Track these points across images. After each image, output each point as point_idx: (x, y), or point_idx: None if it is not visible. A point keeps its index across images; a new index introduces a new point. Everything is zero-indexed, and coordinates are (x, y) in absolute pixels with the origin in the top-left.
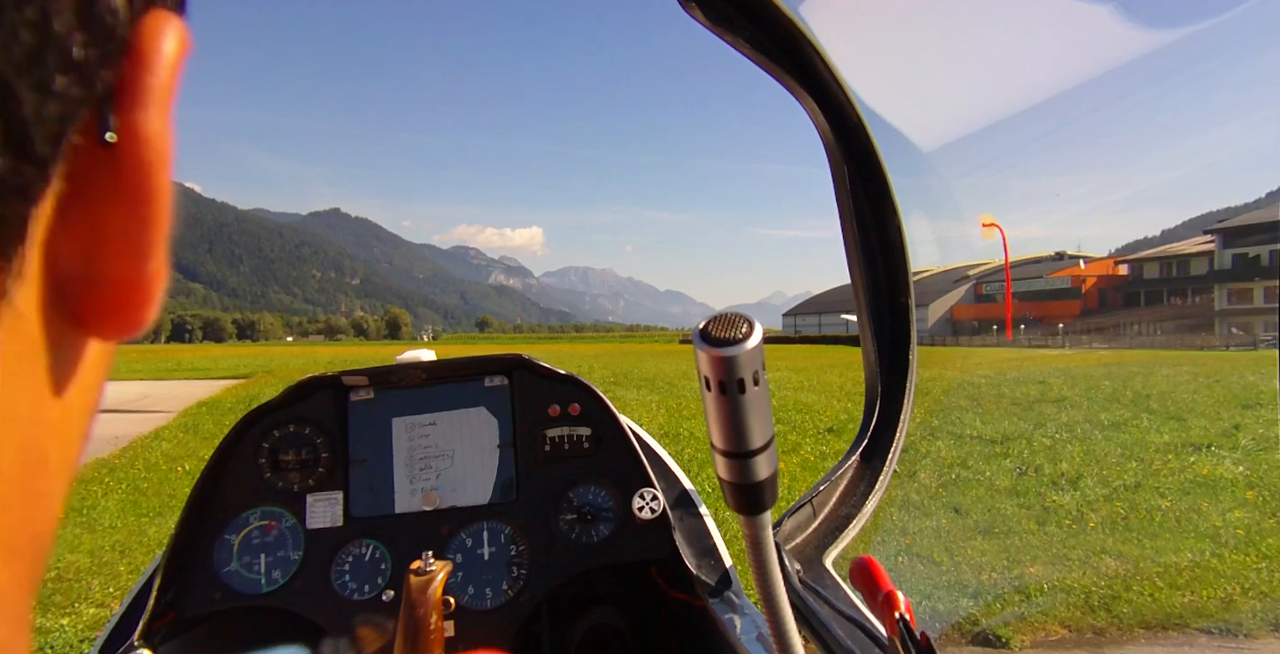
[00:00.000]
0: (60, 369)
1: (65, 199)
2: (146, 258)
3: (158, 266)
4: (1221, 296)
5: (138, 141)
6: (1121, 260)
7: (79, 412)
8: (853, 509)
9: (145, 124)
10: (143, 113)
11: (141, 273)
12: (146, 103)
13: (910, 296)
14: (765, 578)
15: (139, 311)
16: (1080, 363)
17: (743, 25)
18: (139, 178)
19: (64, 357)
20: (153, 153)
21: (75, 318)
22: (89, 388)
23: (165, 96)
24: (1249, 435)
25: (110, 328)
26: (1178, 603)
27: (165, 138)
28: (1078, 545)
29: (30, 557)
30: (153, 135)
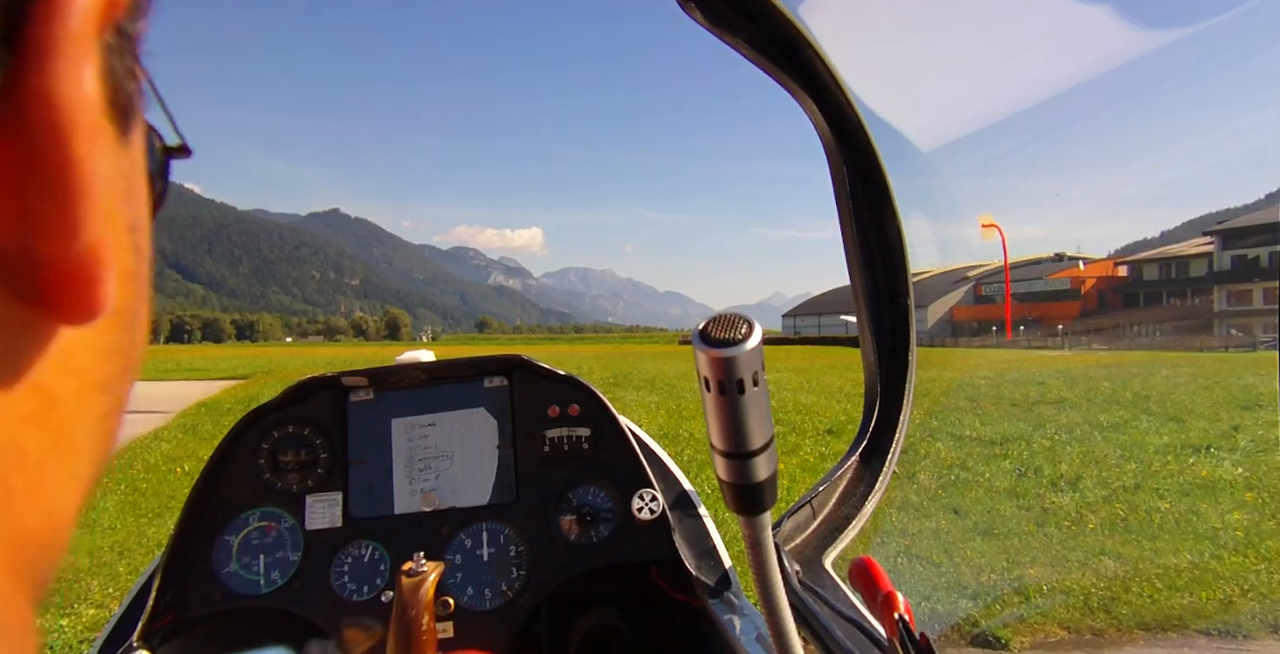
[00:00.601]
0: (24, 357)
1: None
2: (75, 235)
3: (94, 245)
4: (1221, 298)
5: (39, 105)
6: (1121, 261)
7: (69, 399)
8: (852, 510)
9: (48, 86)
10: (43, 71)
11: (73, 251)
12: (48, 58)
13: (910, 297)
14: (765, 579)
15: (87, 292)
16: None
17: (742, 26)
18: (47, 148)
19: (27, 344)
20: (60, 117)
21: (34, 301)
22: (75, 373)
23: (78, 49)
24: (1248, 437)
25: (68, 310)
26: (1177, 604)
27: (78, 99)
28: (1077, 547)
29: (17, 555)
30: (59, 97)
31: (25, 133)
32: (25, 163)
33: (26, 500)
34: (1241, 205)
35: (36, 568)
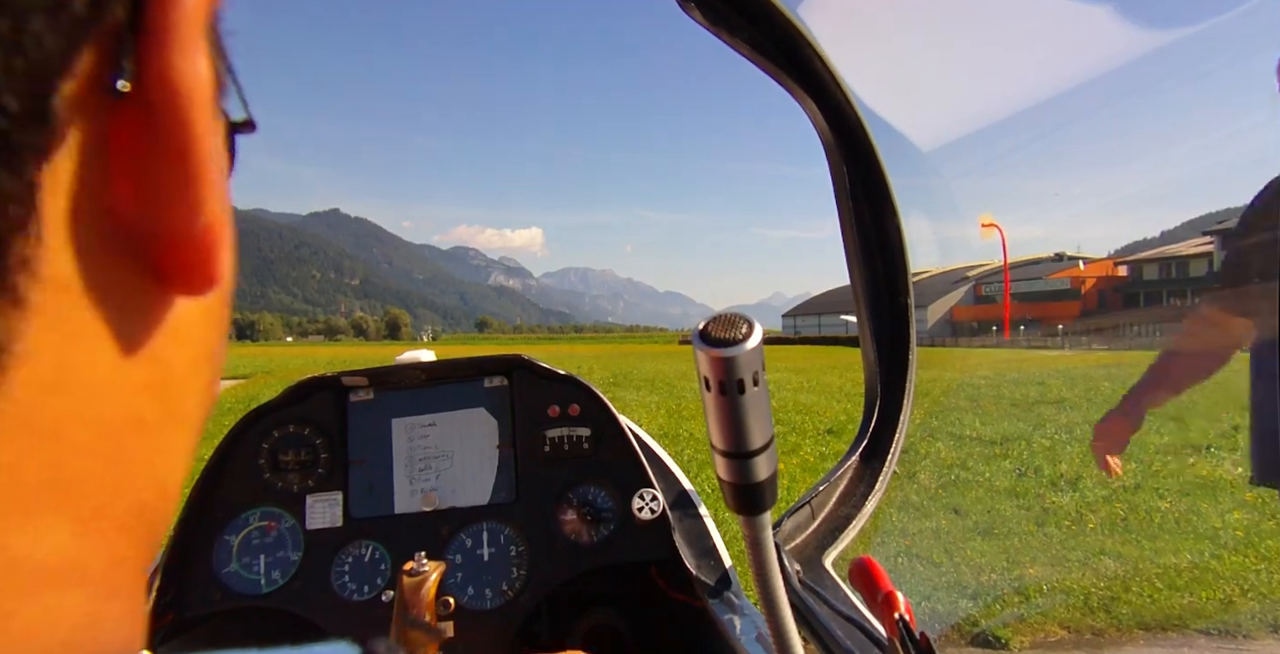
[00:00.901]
0: (144, 329)
1: (95, 153)
2: (198, 211)
3: (212, 220)
4: None
5: (162, 88)
6: (1121, 261)
7: (182, 368)
8: (852, 510)
9: (167, 68)
10: (163, 55)
11: (194, 226)
12: (167, 43)
13: (910, 297)
14: (765, 578)
15: (206, 266)
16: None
17: (742, 26)
18: (171, 128)
19: (146, 315)
20: (181, 100)
21: (156, 275)
22: (192, 343)
23: (191, 34)
24: (1248, 436)
25: (187, 283)
26: (1177, 604)
27: (195, 81)
28: (1077, 546)
29: (128, 524)
30: (181, 81)
31: (150, 115)
32: (151, 144)
33: (144, 467)
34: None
35: (149, 533)
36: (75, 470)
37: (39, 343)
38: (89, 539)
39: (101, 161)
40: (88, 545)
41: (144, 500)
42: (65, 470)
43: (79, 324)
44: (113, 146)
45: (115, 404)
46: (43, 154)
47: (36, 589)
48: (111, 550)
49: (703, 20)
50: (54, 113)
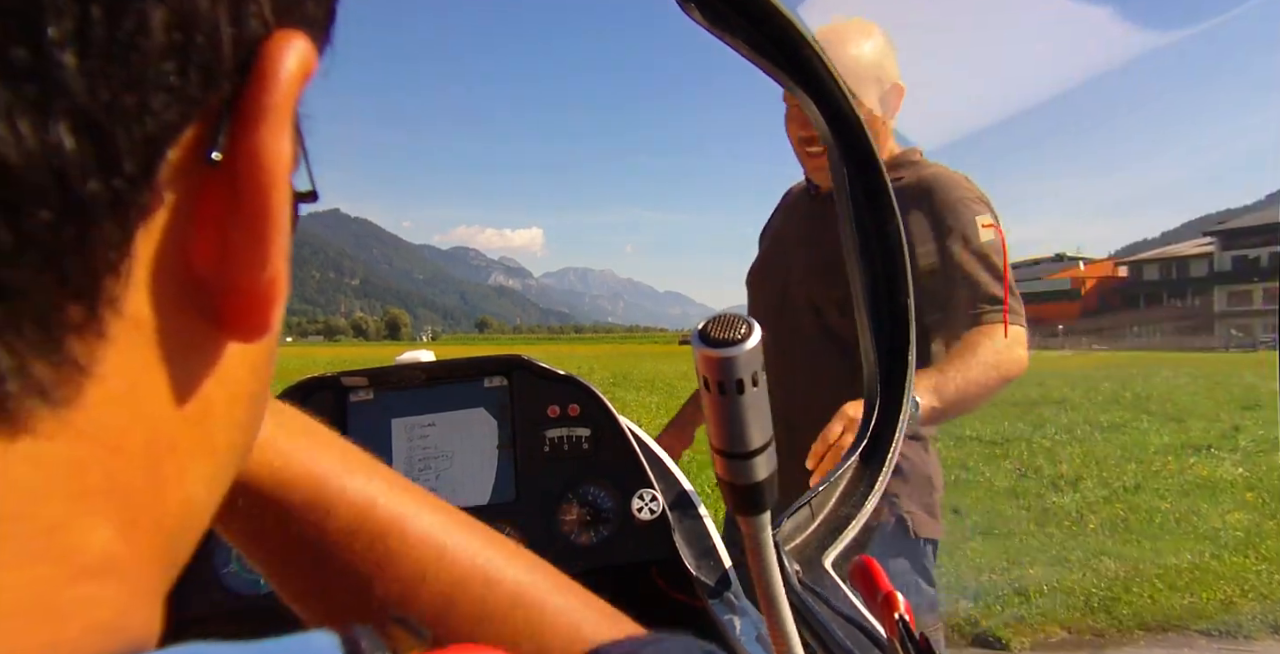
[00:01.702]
0: (194, 365)
1: (192, 215)
2: (263, 267)
3: (275, 275)
4: (1221, 298)
5: (249, 161)
6: (1121, 262)
7: (220, 405)
8: (852, 510)
9: (256, 144)
10: (255, 133)
11: (260, 281)
12: (259, 123)
13: (910, 298)
14: (765, 579)
15: (263, 316)
16: (1079, 364)
17: (742, 26)
18: (252, 196)
19: (199, 355)
20: (264, 173)
21: (214, 320)
22: (229, 384)
23: (280, 117)
24: (1248, 437)
25: (243, 330)
26: (1177, 605)
27: (278, 158)
28: (1077, 547)
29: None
30: (264, 155)
31: (236, 184)
32: (233, 209)
33: (174, 486)
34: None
35: (171, 547)
36: (125, 480)
37: (112, 367)
38: (127, 542)
39: (188, 220)
40: (126, 547)
41: (168, 522)
42: (118, 479)
43: (145, 357)
44: (199, 208)
45: (161, 428)
46: (144, 210)
47: (84, 577)
48: (142, 555)
49: (703, 20)
50: (159, 176)
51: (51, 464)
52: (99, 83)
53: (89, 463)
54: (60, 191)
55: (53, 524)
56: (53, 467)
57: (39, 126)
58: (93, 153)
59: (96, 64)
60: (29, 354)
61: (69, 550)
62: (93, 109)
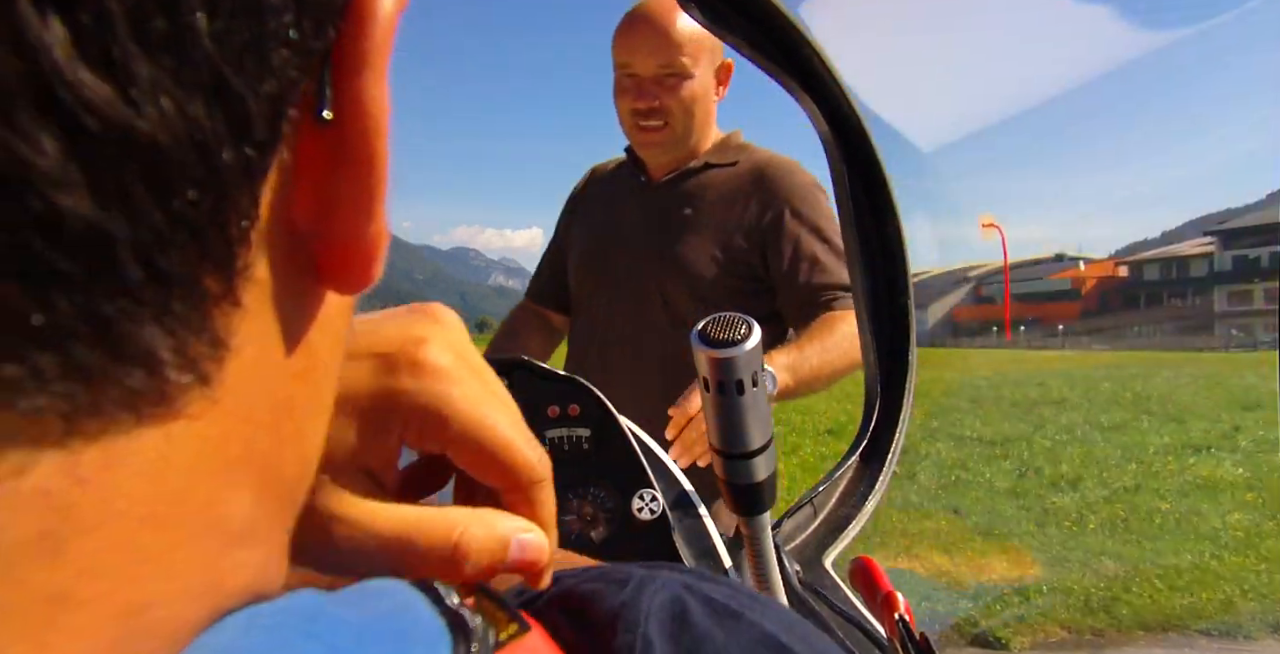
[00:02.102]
0: (302, 321)
1: (293, 170)
2: (370, 218)
3: (380, 226)
4: (1221, 298)
5: (355, 110)
6: (1121, 262)
7: (325, 354)
8: (852, 510)
9: (361, 92)
10: (358, 80)
11: (366, 232)
12: (361, 70)
13: (910, 297)
14: (765, 579)
15: (367, 267)
16: (1080, 364)
17: (741, 25)
18: (358, 146)
19: (305, 309)
20: (370, 120)
21: (315, 273)
22: (331, 331)
23: (380, 61)
24: (1249, 437)
25: (345, 281)
26: (1177, 605)
27: (382, 104)
28: (1077, 547)
29: (280, 493)
30: (369, 103)
31: (338, 134)
32: (339, 162)
33: (291, 445)
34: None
35: (293, 508)
36: (258, 448)
37: (245, 337)
38: (262, 506)
39: (292, 174)
40: (261, 511)
41: (292, 475)
42: (253, 448)
43: (269, 320)
44: (301, 162)
45: (281, 389)
46: (266, 175)
47: (234, 545)
48: (272, 517)
49: (703, 19)
50: (281, 139)
51: (202, 443)
52: (227, 45)
53: (230, 436)
54: (203, 167)
55: (208, 500)
56: (203, 445)
57: (181, 101)
58: (226, 121)
59: (224, 24)
60: (184, 335)
61: (221, 522)
62: (225, 74)
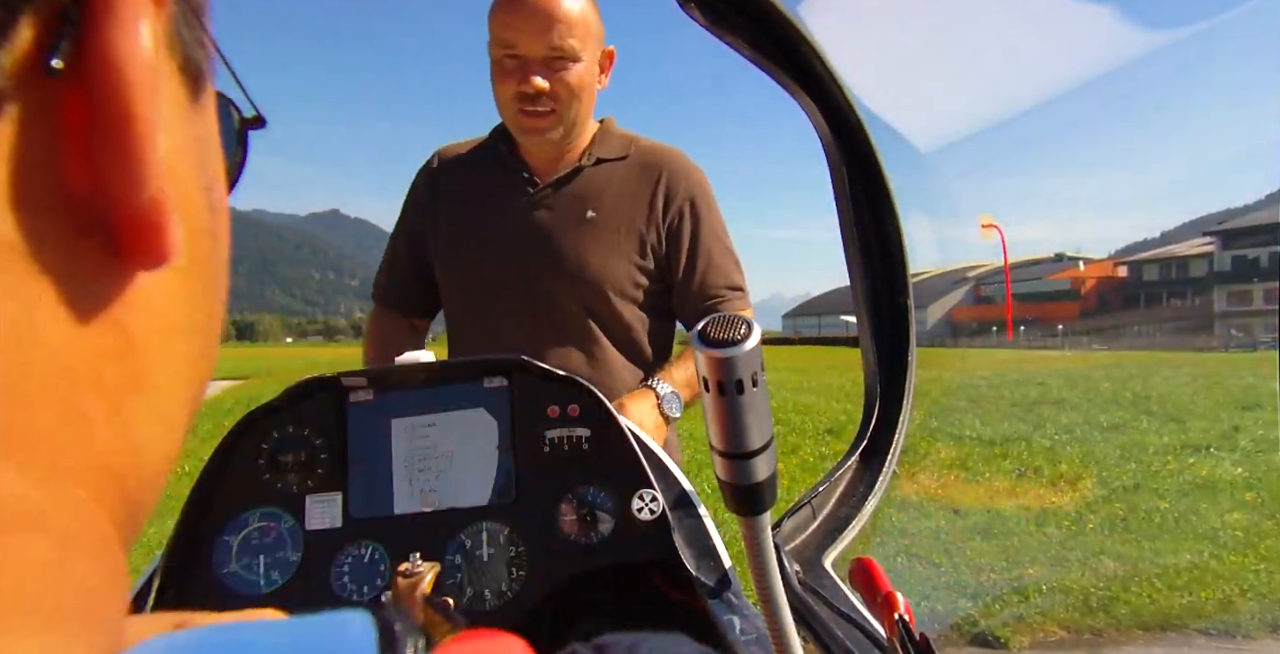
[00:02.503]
0: (102, 296)
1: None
2: (139, 185)
3: (156, 195)
4: (1220, 298)
5: (104, 67)
6: (1121, 262)
7: (150, 339)
8: (852, 510)
9: (105, 45)
10: (102, 32)
11: (138, 199)
12: (110, 19)
13: (909, 297)
14: (765, 579)
15: (154, 240)
16: (1080, 364)
17: (741, 25)
18: (111, 106)
19: (105, 286)
20: (119, 74)
21: (107, 245)
22: (154, 315)
23: (134, 12)
24: (1248, 437)
25: (138, 255)
26: (1176, 604)
27: (136, 59)
28: (1077, 547)
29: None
30: (115, 57)
31: (89, 91)
32: (91, 115)
33: (105, 427)
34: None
35: (123, 498)
36: (30, 422)
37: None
38: (48, 489)
39: (46, 134)
40: (48, 495)
41: (112, 463)
42: (18, 422)
43: (34, 289)
44: (59, 121)
45: (73, 365)
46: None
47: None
48: (73, 503)
49: (702, 20)
50: None
51: None
52: None
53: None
54: None
55: None
56: None
57: None
58: None
59: None
60: None
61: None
62: None
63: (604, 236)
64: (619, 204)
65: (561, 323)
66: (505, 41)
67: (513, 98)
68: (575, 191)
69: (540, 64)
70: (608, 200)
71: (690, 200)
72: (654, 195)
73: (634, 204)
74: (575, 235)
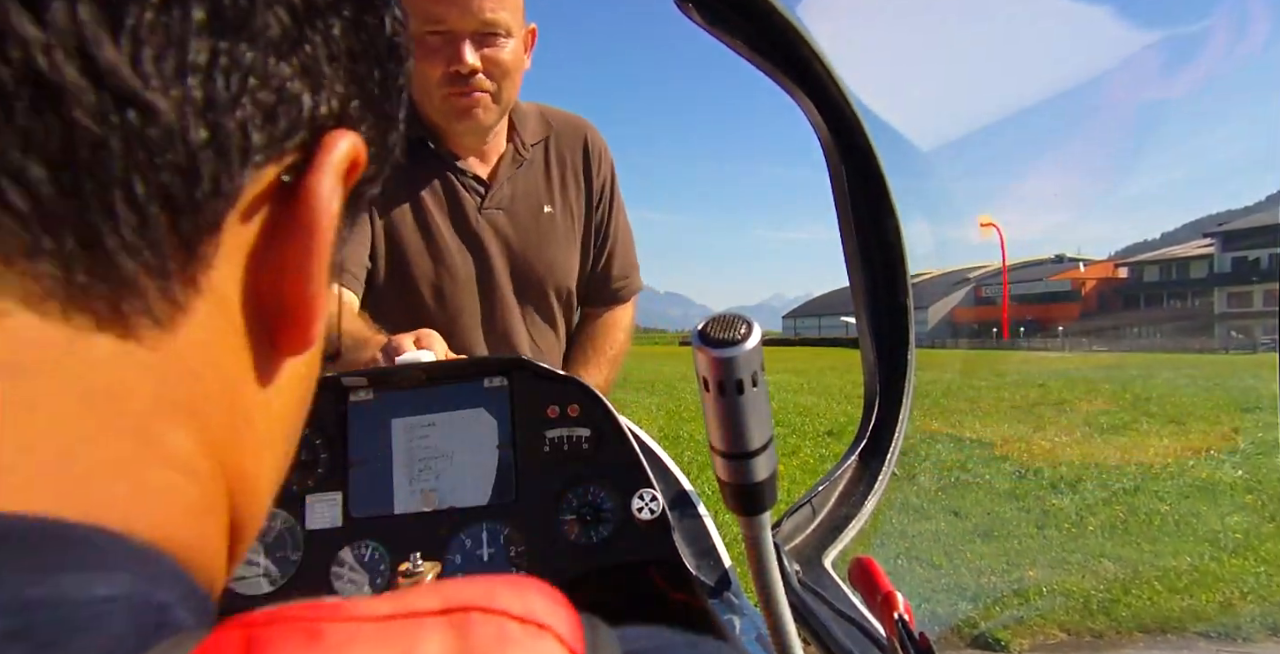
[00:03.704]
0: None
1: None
2: (310, 282)
3: (319, 290)
4: (1220, 300)
5: (309, 195)
6: (1121, 263)
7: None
8: (852, 510)
9: (316, 184)
10: (315, 177)
11: (309, 295)
12: (319, 171)
13: (909, 298)
14: (765, 579)
15: (310, 328)
16: (1079, 365)
17: (739, 25)
18: (308, 221)
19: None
20: (318, 203)
21: (270, 338)
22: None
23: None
24: (1248, 439)
25: (291, 343)
26: (1176, 607)
27: (328, 197)
28: (1077, 549)
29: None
30: (318, 193)
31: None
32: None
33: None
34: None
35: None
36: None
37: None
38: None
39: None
40: (204, 462)
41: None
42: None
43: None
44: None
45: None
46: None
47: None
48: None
49: (701, 20)
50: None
51: (144, 367)
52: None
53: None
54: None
55: (139, 411)
56: (145, 369)
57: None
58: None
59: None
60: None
61: (151, 439)
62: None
63: (562, 231)
64: (566, 191)
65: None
66: (430, 16)
67: (443, 80)
68: (528, 187)
69: (471, 40)
70: (555, 189)
71: (610, 175)
72: (589, 175)
73: (576, 188)
74: (538, 237)
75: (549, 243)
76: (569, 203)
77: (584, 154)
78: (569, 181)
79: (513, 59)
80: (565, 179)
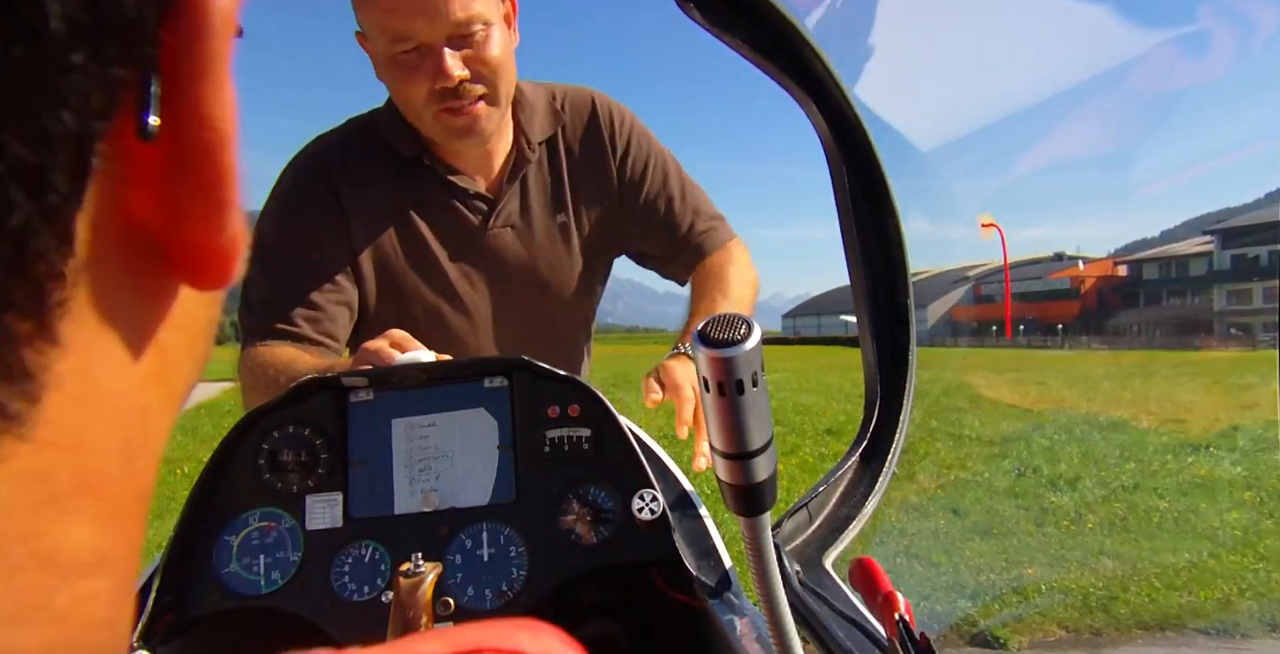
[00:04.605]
0: (150, 323)
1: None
2: (222, 229)
3: (233, 235)
4: (1220, 297)
5: (198, 124)
6: (1120, 261)
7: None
8: (852, 510)
9: (197, 104)
10: (194, 91)
11: (217, 242)
12: (198, 80)
13: (909, 297)
14: (765, 579)
15: (224, 271)
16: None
17: (741, 26)
18: (200, 162)
19: (156, 310)
20: (211, 133)
21: (167, 271)
22: (188, 325)
23: (220, 67)
24: (1247, 436)
25: (201, 282)
26: (1175, 604)
27: (224, 115)
28: (1076, 546)
29: (136, 512)
30: (209, 116)
31: (177, 144)
32: (180, 174)
33: (143, 452)
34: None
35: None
36: (97, 471)
37: (67, 366)
38: (111, 532)
39: (123, 183)
40: (110, 537)
41: (144, 485)
42: (89, 473)
43: (98, 336)
44: (135, 171)
45: (126, 401)
46: (78, 202)
47: (74, 577)
48: (127, 539)
49: (702, 20)
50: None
51: (13, 480)
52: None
53: (54, 468)
54: None
55: (26, 534)
56: (15, 482)
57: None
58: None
59: None
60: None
61: (50, 555)
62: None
63: (581, 238)
64: (583, 187)
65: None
66: (398, 33)
67: (428, 97)
68: (537, 196)
69: (449, 47)
70: (568, 190)
71: (632, 135)
72: (609, 149)
73: (596, 174)
74: (552, 253)
75: (564, 259)
76: (591, 200)
77: (595, 130)
78: (587, 172)
79: (500, 52)
80: (580, 173)
